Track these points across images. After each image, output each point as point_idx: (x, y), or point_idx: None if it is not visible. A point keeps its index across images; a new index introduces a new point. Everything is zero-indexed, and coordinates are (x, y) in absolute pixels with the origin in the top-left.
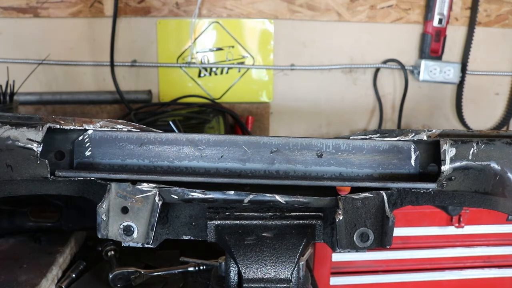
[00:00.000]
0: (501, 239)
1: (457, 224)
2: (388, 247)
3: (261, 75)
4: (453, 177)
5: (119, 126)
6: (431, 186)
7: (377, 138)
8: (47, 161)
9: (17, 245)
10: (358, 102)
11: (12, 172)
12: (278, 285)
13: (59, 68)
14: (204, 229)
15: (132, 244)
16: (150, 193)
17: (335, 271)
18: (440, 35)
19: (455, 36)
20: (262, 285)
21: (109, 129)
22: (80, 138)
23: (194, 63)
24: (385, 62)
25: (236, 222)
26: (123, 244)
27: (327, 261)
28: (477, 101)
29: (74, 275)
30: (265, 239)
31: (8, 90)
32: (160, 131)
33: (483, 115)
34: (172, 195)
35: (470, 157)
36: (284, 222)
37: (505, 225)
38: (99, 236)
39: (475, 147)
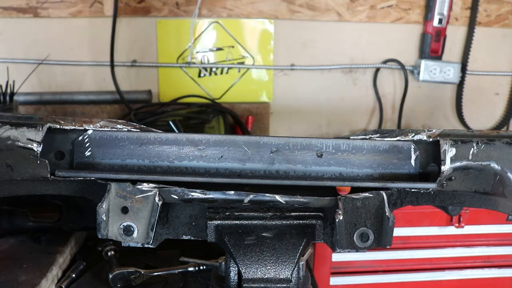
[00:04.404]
0: (501, 239)
1: (457, 224)
2: (388, 247)
3: (261, 75)
4: (453, 177)
5: (119, 126)
6: (431, 186)
7: (377, 138)
8: (47, 161)
9: (17, 245)
10: (358, 102)
11: (12, 172)
12: (278, 285)
13: (59, 68)
14: (204, 229)
15: (132, 244)
16: (150, 193)
17: (335, 271)
18: (440, 35)
19: (455, 36)
20: (262, 285)
21: (109, 129)
22: (80, 138)
23: (194, 63)
24: (385, 62)
25: (236, 222)
26: (123, 244)
27: (327, 261)
28: (477, 101)
29: (74, 275)
30: (265, 239)
31: (8, 90)
32: (160, 131)
33: (483, 115)
34: (172, 195)
35: (470, 157)
36: (284, 222)
37: (505, 225)
38: (99, 236)
39: (475, 147)
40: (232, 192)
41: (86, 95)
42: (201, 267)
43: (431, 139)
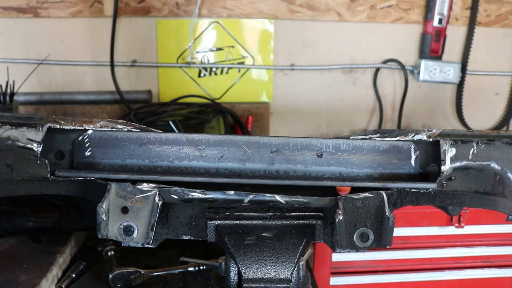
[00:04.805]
0: (501, 239)
1: (457, 224)
2: (388, 247)
3: (261, 75)
4: (453, 177)
5: (119, 126)
6: (431, 186)
7: (377, 138)
8: (47, 161)
9: (17, 245)
10: (358, 102)
11: (12, 172)
12: (278, 285)
13: (59, 68)
14: (204, 229)
15: (132, 244)
16: (150, 193)
17: (335, 271)
18: (440, 35)
19: (455, 36)
20: (262, 285)
21: (109, 129)
22: (80, 138)
23: (194, 63)
24: (385, 62)
25: (236, 222)
26: (123, 244)
27: (327, 261)
28: (477, 101)
29: (74, 275)
30: (265, 239)
31: (8, 90)
32: (160, 131)
33: (483, 115)
34: (172, 195)
35: (470, 157)
36: (284, 222)
37: (505, 225)
38: (99, 236)
39: (475, 147)
40: (232, 192)
41: (86, 95)
42: (201, 267)
43: (431, 139)
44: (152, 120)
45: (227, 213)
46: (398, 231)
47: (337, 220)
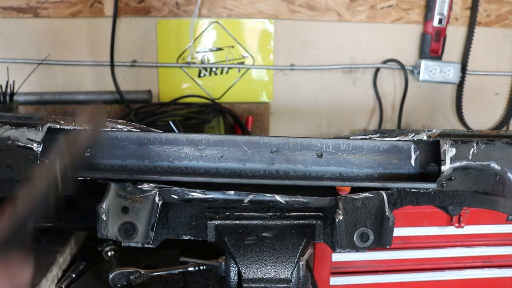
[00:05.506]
0: (501, 239)
1: (457, 224)
2: (388, 247)
3: (261, 75)
4: (453, 177)
5: (119, 126)
6: (431, 186)
7: (377, 138)
8: (47, 161)
9: None
10: (358, 102)
11: (12, 172)
12: (278, 285)
13: (59, 68)
14: (204, 229)
15: (132, 244)
16: (150, 193)
17: (335, 271)
18: (440, 35)
19: (455, 36)
20: (262, 285)
21: (109, 129)
22: None
23: (194, 63)
24: (385, 62)
25: (236, 222)
26: (123, 244)
27: (327, 261)
28: (477, 101)
29: (74, 275)
30: (265, 239)
31: (8, 90)
32: (160, 131)
33: (483, 115)
34: (172, 195)
35: (470, 157)
36: (284, 222)
37: (505, 225)
38: (99, 236)
39: (475, 147)
40: (232, 192)
41: (86, 95)
42: (201, 267)
43: (431, 139)
44: (152, 120)
45: (227, 213)
46: (398, 231)
47: (337, 220)
